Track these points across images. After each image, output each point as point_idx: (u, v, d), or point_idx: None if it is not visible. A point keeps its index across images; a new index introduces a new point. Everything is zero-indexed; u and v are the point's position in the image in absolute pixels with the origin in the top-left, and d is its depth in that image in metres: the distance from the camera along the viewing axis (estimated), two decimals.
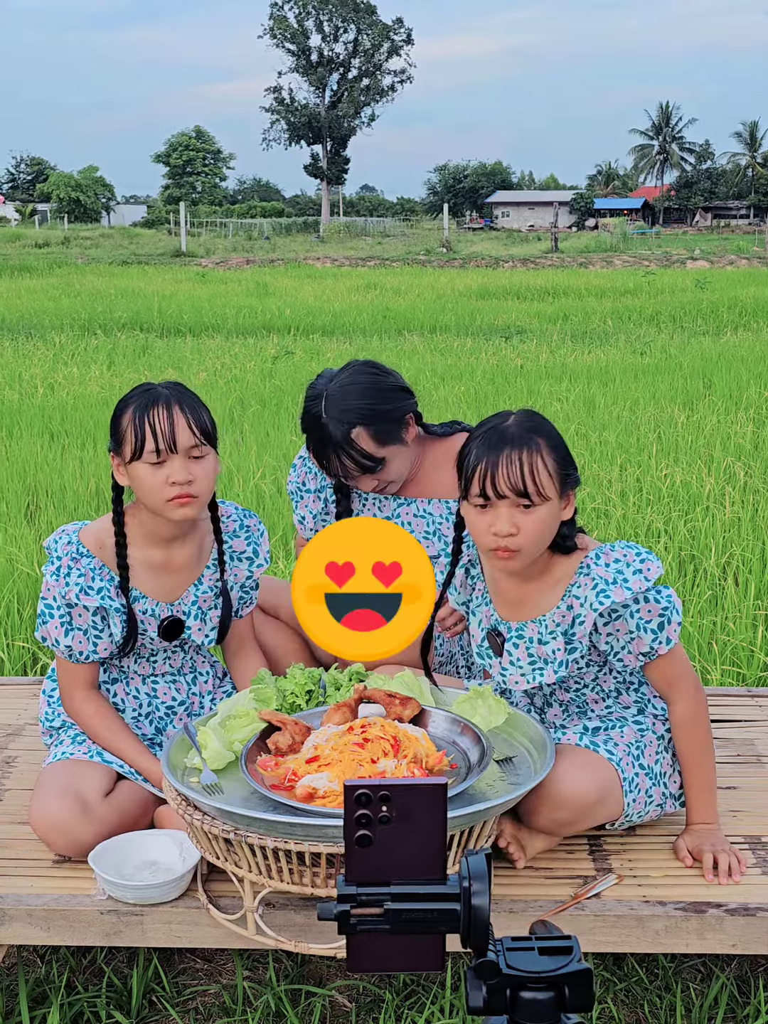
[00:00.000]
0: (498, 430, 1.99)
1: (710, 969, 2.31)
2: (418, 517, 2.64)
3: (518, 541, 1.97)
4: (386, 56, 67.97)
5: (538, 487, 1.95)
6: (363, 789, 0.98)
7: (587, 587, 2.03)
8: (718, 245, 34.60)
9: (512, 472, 1.94)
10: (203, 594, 2.33)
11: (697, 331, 13.31)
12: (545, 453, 1.97)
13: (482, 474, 1.96)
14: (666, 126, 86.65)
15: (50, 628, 2.22)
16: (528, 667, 2.13)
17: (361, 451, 2.46)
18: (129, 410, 2.16)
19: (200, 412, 2.18)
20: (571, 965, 1.02)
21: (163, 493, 2.14)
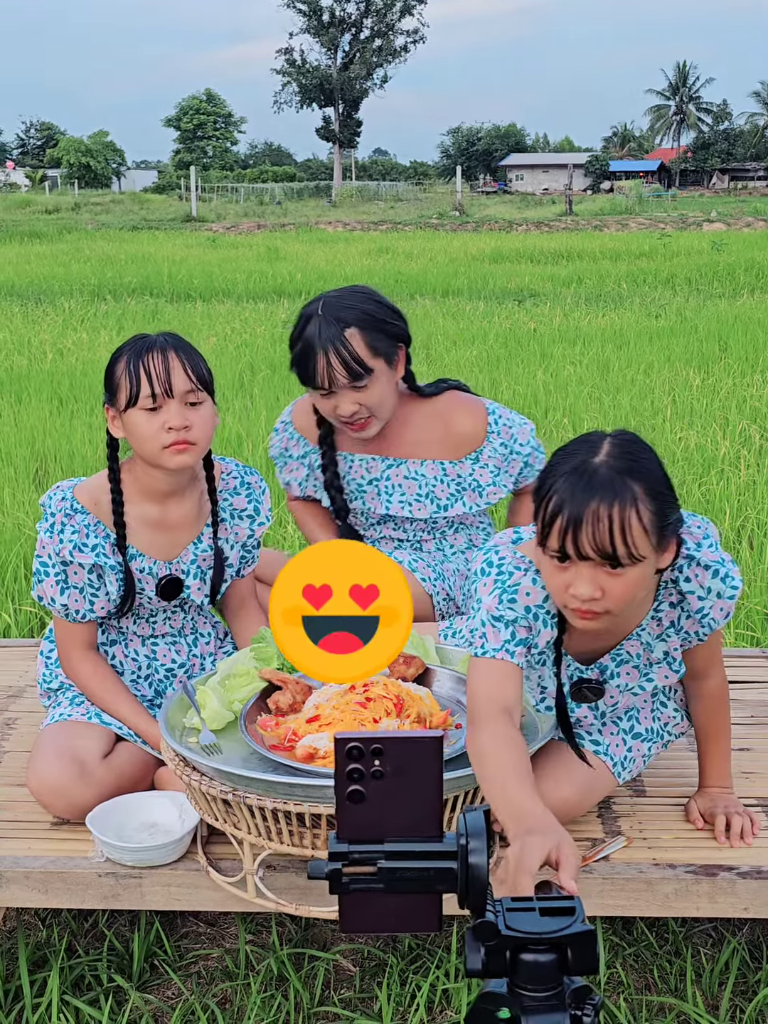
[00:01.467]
0: (586, 472, 1.66)
1: (721, 934, 2.27)
2: (409, 479, 2.57)
3: (604, 604, 1.70)
4: (399, 16, 67.12)
5: (630, 549, 1.65)
6: (355, 742, 0.93)
7: (703, 576, 1.85)
8: (735, 207, 34.17)
9: (599, 532, 1.63)
10: (202, 553, 2.27)
11: (713, 294, 13.14)
12: (641, 505, 1.65)
13: (562, 529, 1.65)
14: (683, 86, 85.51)
15: (46, 587, 2.18)
16: (641, 680, 1.99)
17: (352, 352, 2.36)
18: (124, 358, 2.11)
19: (196, 358, 2.13)
20: (574, 926, 0.97)
21: (159, 440, 2.09)
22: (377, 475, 2.59)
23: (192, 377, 2.10)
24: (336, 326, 2.36)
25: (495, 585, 1.85)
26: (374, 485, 2.59)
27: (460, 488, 2.56)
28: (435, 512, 2.57)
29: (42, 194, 52.48)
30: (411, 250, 20.24)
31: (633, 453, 1.70)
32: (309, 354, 2.39)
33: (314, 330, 2.37)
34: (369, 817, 0.94)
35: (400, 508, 2.57)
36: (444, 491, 2.56)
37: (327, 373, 2.38)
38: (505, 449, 2.55)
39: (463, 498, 2.56)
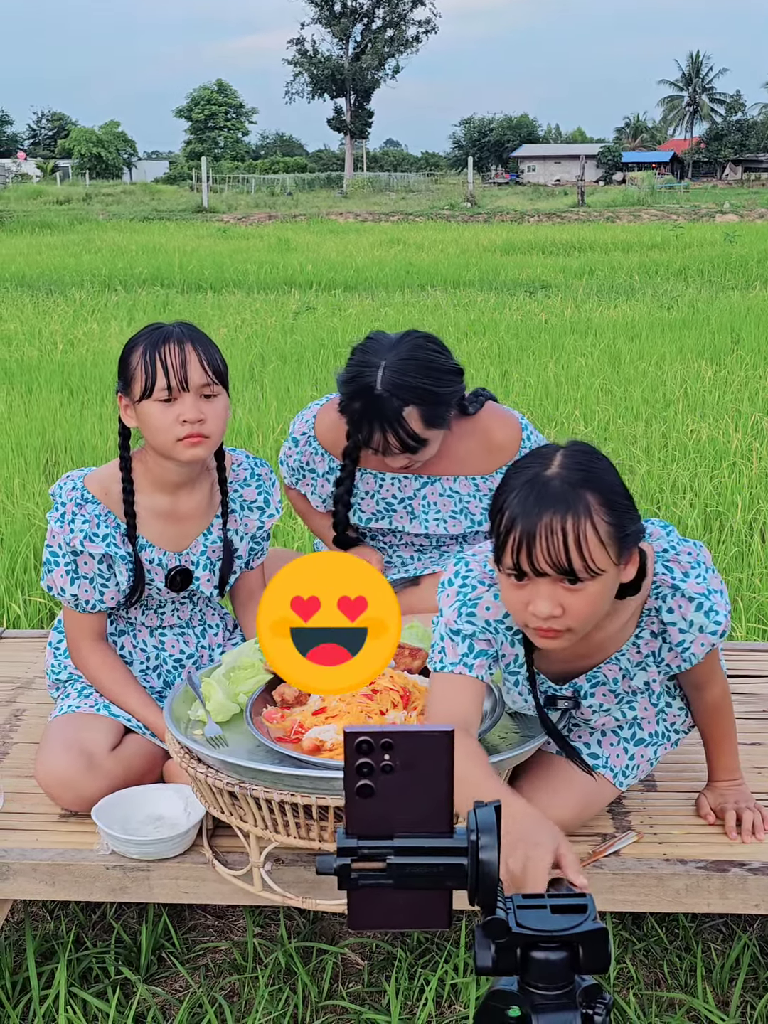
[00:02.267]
0: (537, 484, 1.60)
1: (732, 929, 2.25)
2: (444, 496, 2.53)
3: (564, 621, 1.64)
4: (410, 6, 66.83)
5: (587, 562, 1.58)
6: (364, 736, 0.92)
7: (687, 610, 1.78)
8: (748, 199, 34.00)
9: (554, 546, 1.57)
10: (212, 544, 2.26)
11: (726, 285, 13.06)
12: (597, 516, 1.59)
13: (515, 545, 1.59)
14: (696, 77, 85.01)
15: (55, 576, 2.17)
16: (616, 706, 1.95)
17: (409, 430, 2.31)
18: (139, 348, 2.09)
19: (212, 351, 2.11)
20: (585, 924, 0.96)
21: (173, 432, 2.07)
22: (410, 494, 2.54)
23: (208, 370, 2.08)
24: (394, 403, 2.29)
25: (456, 598, 1.81)
26: (405, 505, 2.55)
27: None
28: (469, 528, 2.54)
29: (53, 185, 52.48)
30: (422, 241, 20.19)
31: (585, 464, 1.63)
32: (360, 424, 2.34)
33: (371, 404, 2.30)
34: (378, 812, 0.93)
35: (436, 526, 2.54)
36: (477, 507, 2.53)
37: (382, 446, 2.35)
38: None
39: None
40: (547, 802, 1.89)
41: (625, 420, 6.08)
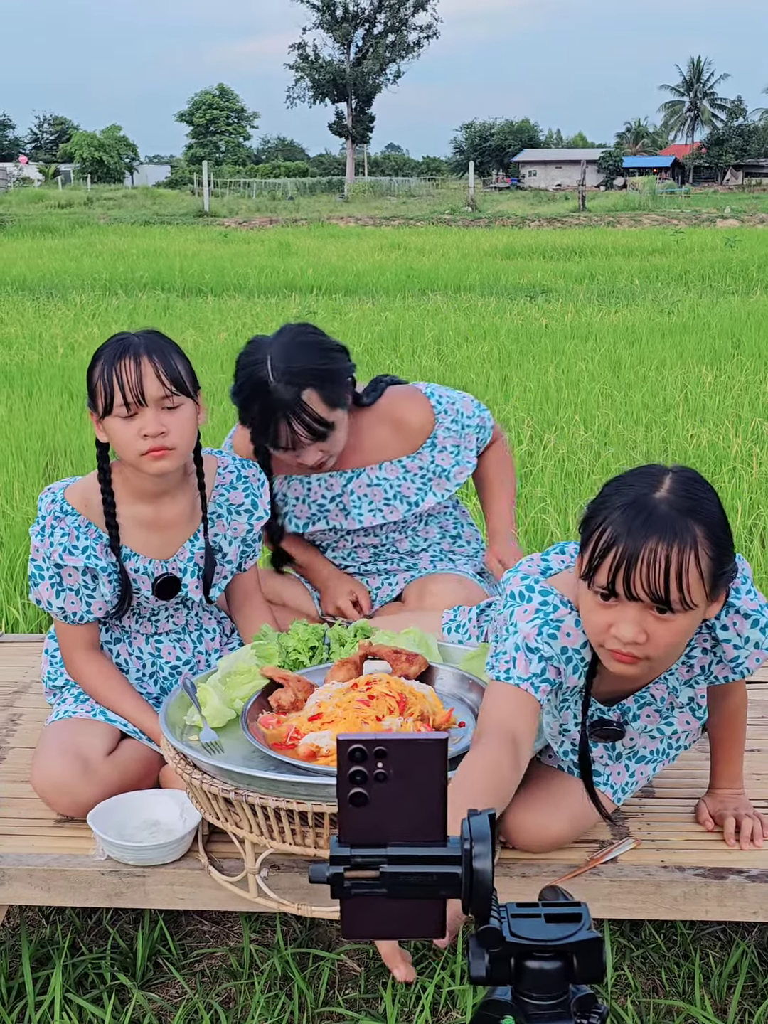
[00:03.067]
0: (645, 508, 1.54)
1: (730, 937, 2.24)
2: (372, 486, 2.53)
3: (645, 649, 1.59)
4: (412, 11, 66.98)
5: (683, 595, 1.54)
6: (357, 744, 0.91)
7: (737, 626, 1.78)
8: (749, 204, 34.03)
9: (655, 573, 1.52)
10: (199, 550, 2.25)
11: (726, 290, 13.06)
12: (701, 550, 1.54)
13: (614, 566, 1.54)
14: (697, 82, 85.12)
15: (41, 590, 2.16)
16: (661, 724, 1.94)
17: (313, 414, 2.31)
18: (99, 364, 2.08)
19: (171, 360, 2.07)
20: (580, 933, 0.96)
21: (137, 447, 2.06)
22: (338, 491, 2.54)
23: (166, 382, 2.05)
24: (291, 390, 2.29)
25: (536, 615, 1.73)
26: (336, 502, 2.55)
27: (425, 480, 2.53)
28: (407, 511, 2.53)
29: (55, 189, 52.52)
30: (423, 246, 20.19)
31: (695, 492, 1.58)
32: (268, 421, 2.33)
33: (269, 398, 2.30)
34: (371, 820, 0.92)
35: (372, 517, 2.54)
36: (410, 488, 2.52)
37: (290, 438, 2.34)
38: (456, 426, 2.52)
39: (431, 489, 2.53)
40: (546, 816, 1.89)
41: (625, 425, 6.08)
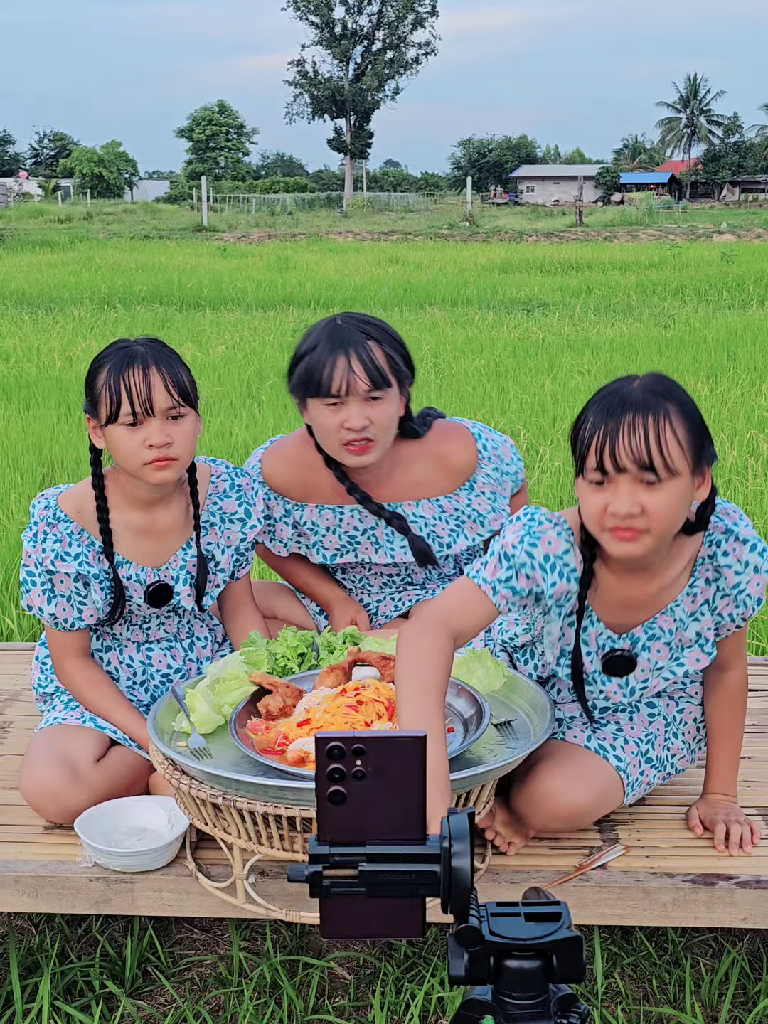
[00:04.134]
0: (619, 394, 1.70)
1: (721, 944, 2.24)
2: (409, 523, 2.44)
3: (643, 521, 1.70)
4: (411, 28, 67.36)
5: (666, 459, 1.67)
6: (335, 741, 0.91)
7: (742, 552, 1.86)
8: (745, 219, 34.15)
9: (636, 441, 1.66)
10: (192, 559, 2.24)
11: (723, 304, 13.11)
12: (676, 420, 1.68)
13: (599, 444, 1.68)
14: (694, 99, 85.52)
15: (33, 596, 2.15)
16: (669, 663, 1.96)
17: (374, 358, 2.24)
18: (104, 370, 2.07)
19: (178, 371, 2.08)
20: (559, 932, 0.95)
21: (141, 456, 2.05)
22: (372, 524, 2.45)
23: (174, 392, 2.06)
24: (358, 334, 2.26)
25: (522, 528, 1.86)
26: (368, 535, 2.46)
27: (459, 521, 2.45)
28: (438, 551, 2.45)
29: (55, 204, 52.68)
30: (421, 260, 20.25)
31: (666, 382, 1.74)
32: (327, 358, 2.24)
33: (334, 337, 2.25)
34: (350, 818, 0.92)
35: (404, 555, 2.45)
36: (444, 528, 2.45)
37: (347, 377, 2.22)
38: (497, 473, 2.46)
39: (463, 531, 2.45)
40: (572, 786, 1.91)
41: None
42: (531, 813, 1.94)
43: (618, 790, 1.99)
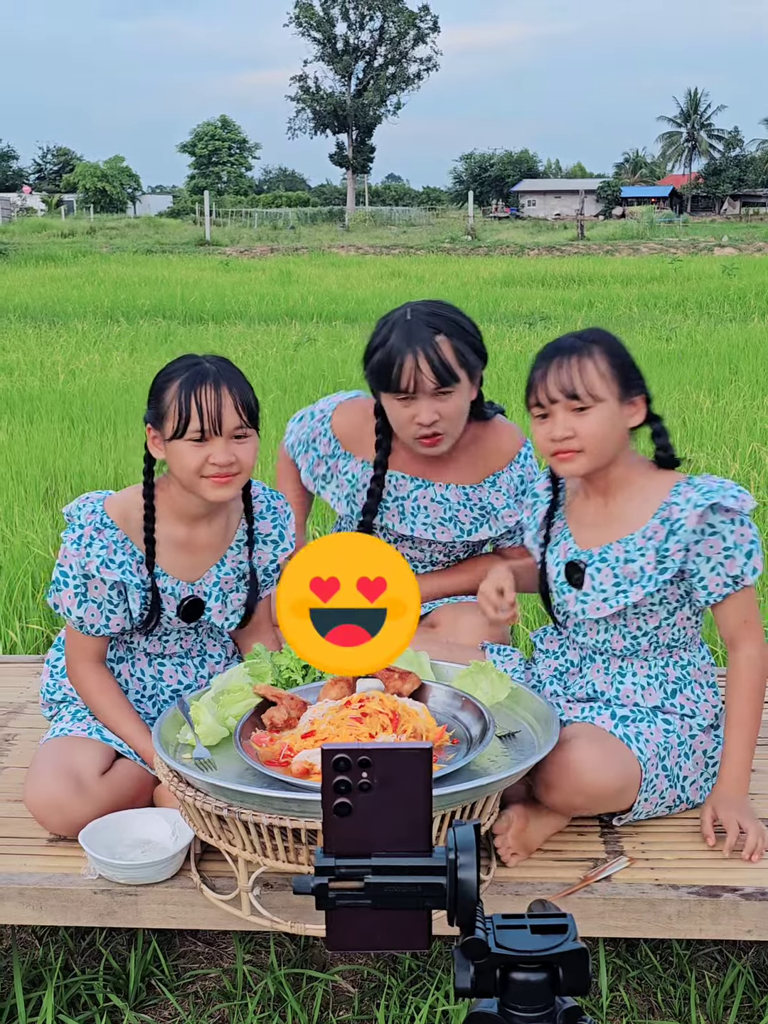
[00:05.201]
0: (555, 343, 2.04)
1: (726, 957, 2.23)
2: (435, 502, 2.52)
3: (576, 443, 1.98)
4: (412, 44, 67.67)
5: (587, 387, 1.96)
6: (341, 753, 0.92)
7: (690, 492, 2.00)
8: (746, 232, 34.21)
9: (561, 375, 1.97)
10: (225, 575, 2.25)
11: (724, 317, 13.13)
12: (598, 356, 1.99)
13: (535, 383, 2.01)
14: (694, 113, 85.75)
15: (63, 596, 2.15)
16: (612, 589, 2.07)
17: (441, 356, 2.30)
18: (174, 384, 2.07)
19: (247, 392, 2.10)
20: (565, 944, 0.95)
21: (202, 471, 2.08)
22: (404, 494, 2.53)
23: (242, 413, 2.08)
24: (427, 330, 2.31)
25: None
26: (397, 504, 2.54)
27: (483, 513, 2.53)
28: (458, 536, 2.52)
29: (58, 218, 52.87)
30: (423, 274, 20.31)
31: (598, 332, 2.05)
32: (395, 356, 2.31)
33: (403, 333, 2.31)
34: (356, 830, 0.92)
35: (424, 530, 2.53)
36: (467, 516, 2.52)
37: (414, 376, 2.29)
38: (520, 483, 2.55)
39: (488, 522, 2.54)
40: (599, 761, 1.95)
41: None
42: (558, 783, 1.95)
43: (636, 783, 2.00)
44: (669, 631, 2.10)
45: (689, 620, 2.11)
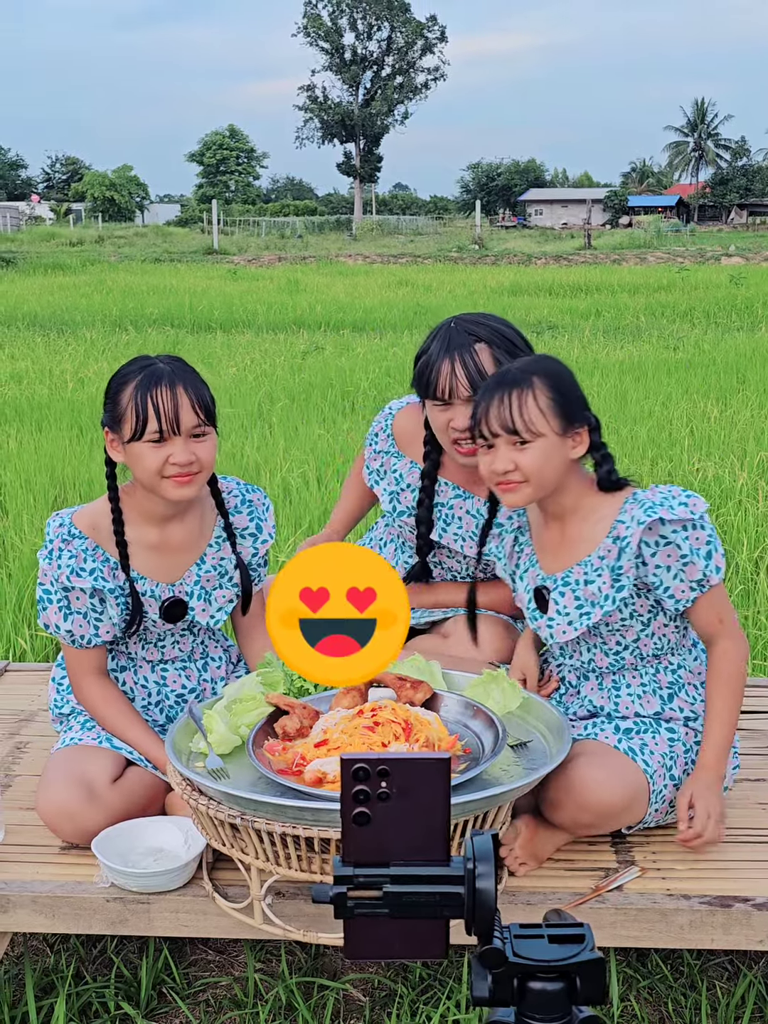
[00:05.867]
0: (499, 374, 2.05)
1: (737, 967, 2.23)
2: (469, 515, 2.53)
3: (517, 475, 2.02)
4: (420, 54, 67.92)
5: (527, 424, 1.98)
6: (361, 763, 0.92)
7: (635, 509, 2.01)
8: (753, 242, 34.23)
9: (502, 411, 1.99)
10: (206, 573, 2.27)
11: (732, 327, 13.13)
12: (539, 391, 2.00)
13: (479, 416, 2.03)
14: (701, 123, 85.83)
15: (49, 614, 2.17)
16: (575, 612, 2.08)
17: (479, 364, 2.33)
18: (129, 387, 2.08)
19: (202, 390, 2.11)
20: (583, 954, 0.95)
21: (162, 472, 2.08)
22: (443, 500, 2.55)
23: (200, 412, 2.08)
24: (467, 337, 2.35)
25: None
26: (436, 509, 2.55)
27: None
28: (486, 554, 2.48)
29: (66, 227, 53.02)
30: (430, 283, 20.35)
31: (542, 363, 2.06)
32: (434, 361, 2.36)
33: (443, 340, 2.36)
34: (375, 840, 0.93)
35: (452, 540, 2.53)
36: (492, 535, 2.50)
37: (449, 381, 2.33)
38: None
39: None
40: (603, 779, 1.94)
41: (631, 459, 6.10)
42: (563, 801, 1.95)
43: (644, 795, 2.00)
44: (650, 641, 2.11)
45: (668, 627, 2.11)
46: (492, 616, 2.55)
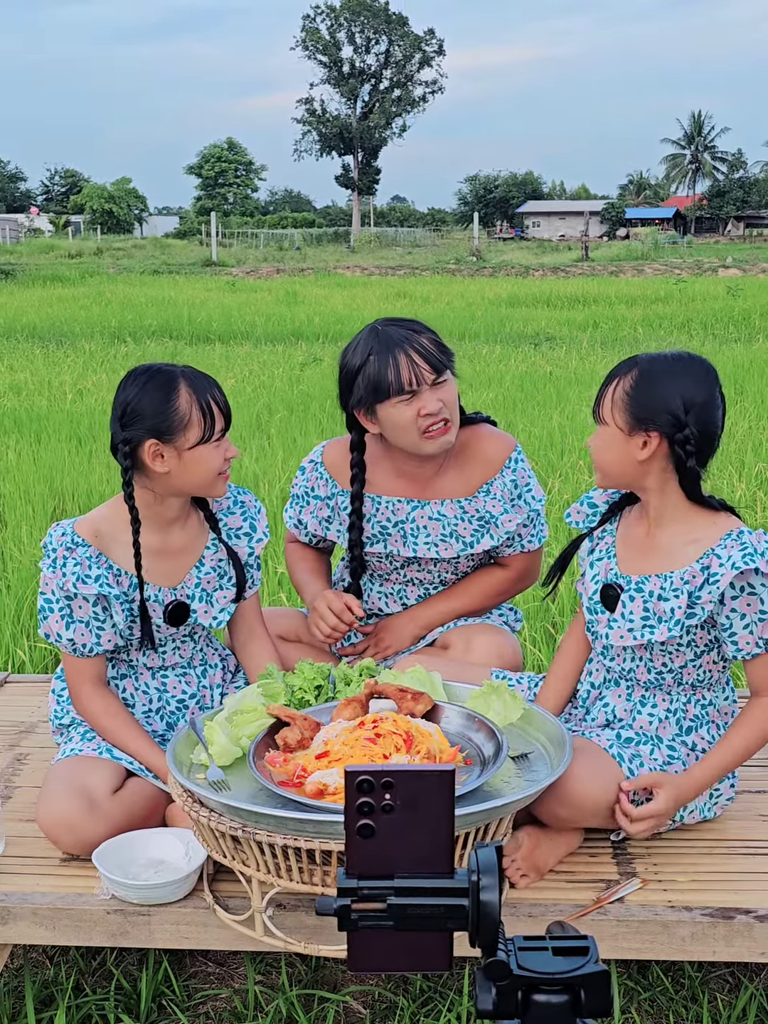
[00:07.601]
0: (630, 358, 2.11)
1: (738, 979, 2.22)
2: (433, 520, 2.53)
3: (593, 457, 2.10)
4: (417, 67, 68.23)
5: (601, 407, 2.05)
6: (365, 775, 0.92)
7: (734, 549, 1.96)
8: (750, 253, 34.34)
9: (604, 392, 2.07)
10: (206, 575, 2.29)
11: (729, 338, 13.16)
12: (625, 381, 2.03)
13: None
14: (698, 135, 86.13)
15: (51, 623, 2.17)
16: (639, 622, 2.06)
17: (428, 345, 2.36)
18: (180, 395, 2.13)
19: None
20: (587, 966, 0.95)
21: (219, 468, 2.19)
22: (403, 517, 2.54)
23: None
24: (401, 331, 2.38)
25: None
26: (399, 528, 2.55)
27: (483, 523, 2.53)
28: (461, 550, 2.53)
29: (65, 239, 53.10)
30: (428, 294, 20.39)
31: (667, 360, 2.02)
32: (383, 362, 2.36)
33: (383, 341, 2.37)
34: (379, 852, 0.93)
35: (427, 550, 2.53)
36: (467, 528, 2.52)
37: (411, 370, 2.35)
38: (515, 488, 2.53)
39: (488, 531, 2.54)
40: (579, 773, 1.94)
41: None
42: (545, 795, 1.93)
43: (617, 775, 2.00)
44: (694, 671, 2.09)
45: (715, 664, 2.10)
46: (489, 625, 2.56)
